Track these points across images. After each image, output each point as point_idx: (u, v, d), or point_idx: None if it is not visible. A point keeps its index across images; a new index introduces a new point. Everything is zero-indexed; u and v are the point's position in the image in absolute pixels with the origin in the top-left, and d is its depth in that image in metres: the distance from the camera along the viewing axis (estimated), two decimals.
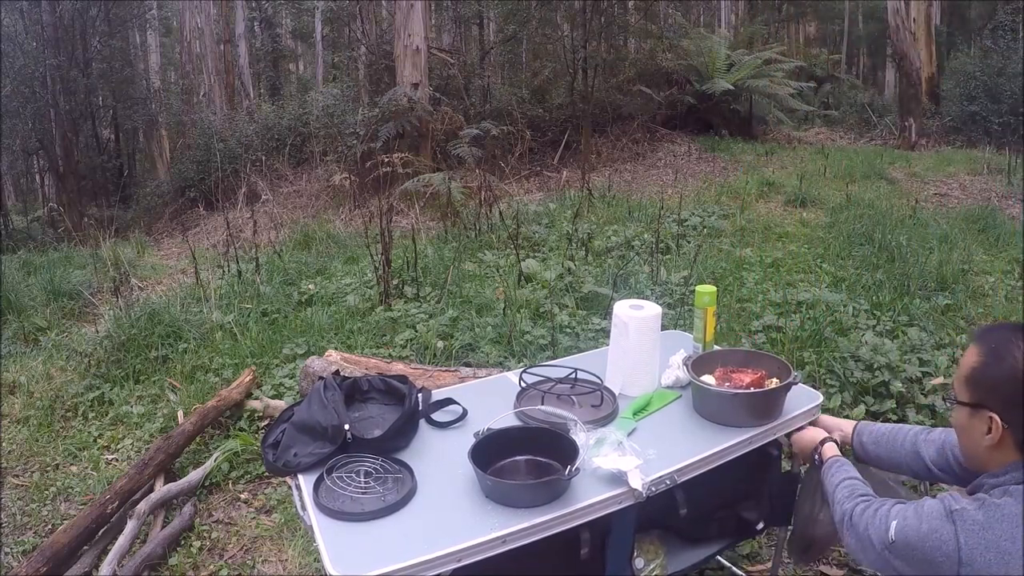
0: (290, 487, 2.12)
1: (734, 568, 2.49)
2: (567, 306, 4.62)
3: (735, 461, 1.89)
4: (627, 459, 1.68)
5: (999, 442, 1.40)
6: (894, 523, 1.44)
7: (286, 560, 2.75)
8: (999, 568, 1.30)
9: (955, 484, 1.73)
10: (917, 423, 3.30)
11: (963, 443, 1.51)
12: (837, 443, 1.85)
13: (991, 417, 1.39)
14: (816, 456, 1.84)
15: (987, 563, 1.31)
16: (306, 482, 1.72)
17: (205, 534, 2.91)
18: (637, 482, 1.63)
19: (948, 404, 1.54)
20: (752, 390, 1.96)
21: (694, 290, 2.30)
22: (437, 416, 2.00)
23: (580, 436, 1.73)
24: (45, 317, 5.39)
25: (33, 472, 3.43)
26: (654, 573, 1.93)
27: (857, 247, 5.88)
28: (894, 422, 3.36)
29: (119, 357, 4.23)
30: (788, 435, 2.03)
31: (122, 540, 2.71)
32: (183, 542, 2.86)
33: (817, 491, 2.04)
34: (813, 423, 2.03)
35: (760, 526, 2.17)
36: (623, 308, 2.11)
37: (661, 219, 6.31)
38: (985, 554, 1.31)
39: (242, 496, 3.15)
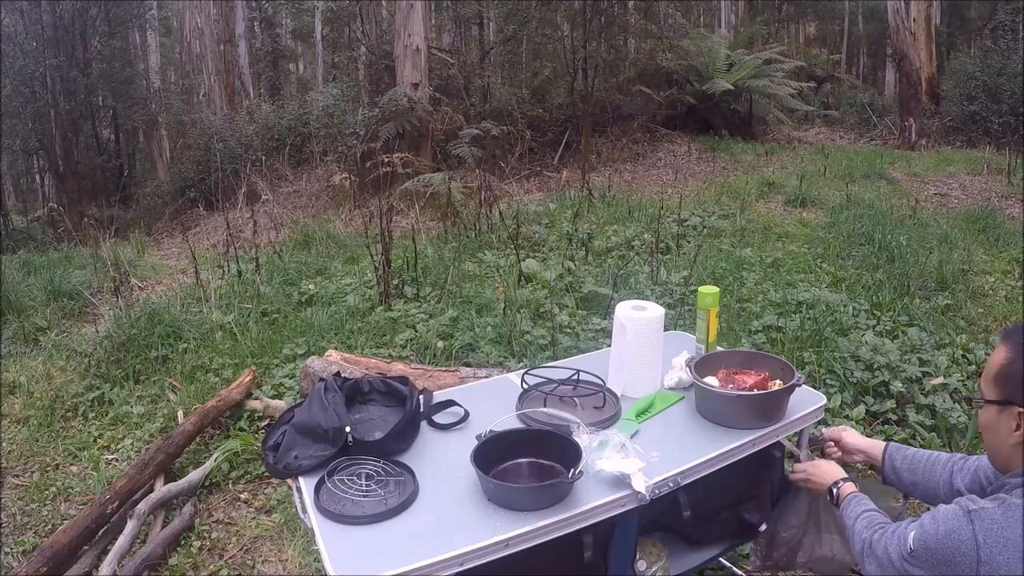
0: (291, 488, 2.12)
1: (734, 568, 2.49)
2: (567, 306, 4.62)
3: (738, 463, 1.89)
4: (630, 461, 1.67)
5: None
6: (911, 533, 1.44)
7: (286, 560, 2.75)
8: (1018, 567, 1.29)
9: None
10: (917, 423, 3.30)
11: (989, 442, 1.50)
12: (855, 483, 1.82)
13: (1020, 413, 1.39)
14: (833, 493, 1.80)
15: (1007, 561, 1.30)
16: (307, 485, 1.71)
17: (205, 534, 2.91)
18: (640, 485, 1.63)
19: (977, 403, 1.52)
20: (755, 392, 1.96)
21: (694, 290, 2.30)
22: (438, 418, 2.00)
23: (583, 438, 1.72)
24: (45, 317, 5.38)
25: (33, 472, 3.42)
26: (657, 575, 1.93)
27: (857, 247, 5.87)
28: (894, 422, 3.37)
29: (119, 357, 4.22)
30: (794, 467, 2.00)
31: (122, 540, 2.71)
32: (183, 542, 2.85)
33: (796, 501, 2.05)
34: (837, 443, 2.00)
35: (763, 527, 2.17)
36: (625, 309, 2.10)
37: (661, 219, 6.31)
38: (1004, 552, 1.31)
39: (242, 496, 3.15)
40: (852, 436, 2.00)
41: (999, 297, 4.92)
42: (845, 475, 1.84)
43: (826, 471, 1.88)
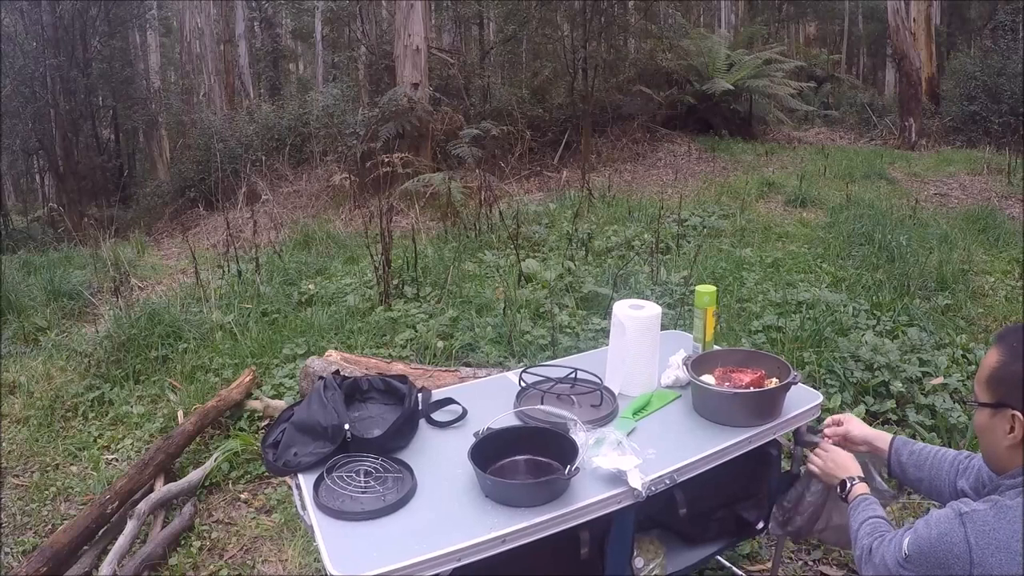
0: (290, 487, 2.12)
1: (734, 568, 2.49)
2: (567, 306, 4.62)
3: (734, 461, 1.89)
4: (627, 459, 1.68)
5: (1022, 441, 1.40)
6: (906, 539, 1.44)
7: (286, 560, 2.76)
8: (1011, 568, 1.30)
9: None
10: (917, 423, 3.30)
11: (984, 445, 1.50)
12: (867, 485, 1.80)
13: (1014, 415, 1.39)
14: (844, 489, 1.78)
15: (999, 563, 1.31)
16: (306, 482, 1.72)
17: (205, 534, 2.91)
18: (637, 482, 1.63)
19: (970, 406, 1.52)
20: (751, 390, 1.96)
21: (694, 290, 2.30)
22: (437, 416, 2.01)
23: (580, 436, 1.73)
24: (45, 317, 5.38)
25: (33, 472, 3.43)
26: (654, 573, 1.93)
27: (857, 247, 5.88)
28: (894, 422, 3.37)
29: (119, 357, 4.23)
30: (810, 446, 1.97)
31: (122, 540, 2.71)
32: (183, 542, 2.86)
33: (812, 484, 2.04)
34: (844, 437, 1.95)
35: (760, 526, 2.18)
36: (623, 308, 2.11)
37: (661, 219, 6.32)
38: (996, 554, 1.31)
39: (242, 496, 3.15)
40: (857, 426, 1.94)
41: (999, 297, 4.92)
42: (860, 473, 1.82)
43: (843, 464, 1.84)
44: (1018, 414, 1.39)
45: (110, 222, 10.73)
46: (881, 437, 1.91)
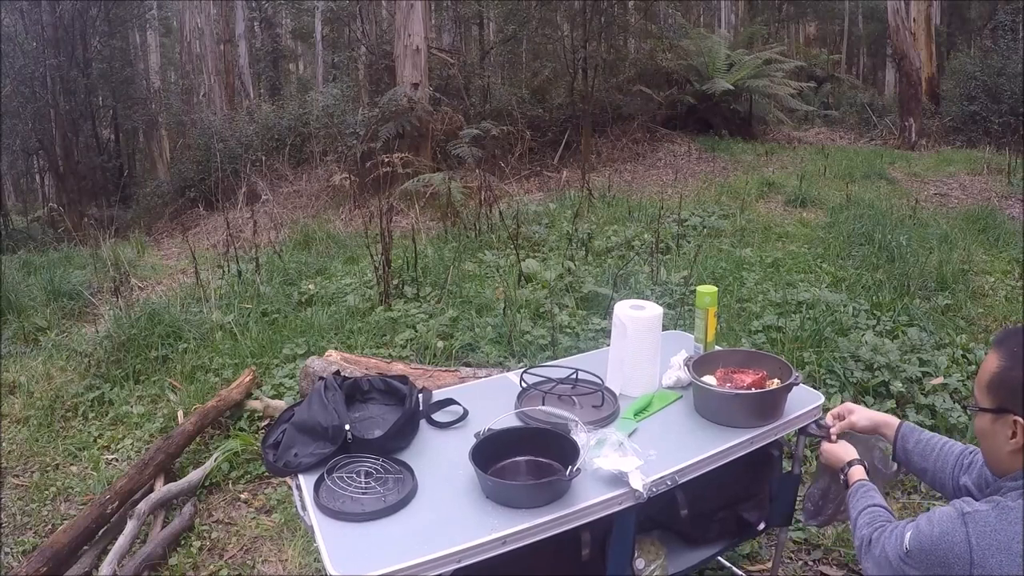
0: (290, 487, 2.12)
1: (734, 568, 2.49)
2: (567, 306, 4.62)
3: (736, 461, 1.89)
4: (628, 460, 1.67)
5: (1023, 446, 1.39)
6: (908, 534, 1.44)
7: (286, 560, 2.75)
8: (1011, 569, 1.30)
9: None
10: (916, 423, 3.30)
11: (986, 449, 1.50)
12: (865, 466, 1.79)
13: (1015, 421, 1.38)
14: (843, 476, 1.79)
15: (999, 564, 1.31)
16: (306, 482, 1.72)
17: (205, 534, 2.91)
18: (638, 483, 1.63)
19: (970, 412, 1.51)
20: (753, 391, 1.96)
21: (694, 290, 2.30)
22: (438, 416, 2.00)
23: (581, 437, 1.72)
24: (45, 317, 5.38)
25: (33, 472, 3.43)
26: (655, 574, 1.93)
27: (857, 247, 5.87)
28: None
29: (119, 357, 4.23)
30: (814, 442, 1.94)
31: (122, 540, 2.71)
32: (183, 542, 2.85)
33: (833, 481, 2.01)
34: (852, 429, 1.93)
35: (761, 526, 2.18)
36: (624, 309, 2.11)
37: (661, 219, 6.31)
38: (997, 555, 1.31)
39: (242, 496, 3.15)
40: (862, 416, 1.91)
41: (999, 297, 4.92)
42: (855, 456, 1.81)
43: (838, 454, 1.85)
44: (1020, 420, 1.38)
45: (110, 222, 10.74)
46: (888, 423, 1.89)
